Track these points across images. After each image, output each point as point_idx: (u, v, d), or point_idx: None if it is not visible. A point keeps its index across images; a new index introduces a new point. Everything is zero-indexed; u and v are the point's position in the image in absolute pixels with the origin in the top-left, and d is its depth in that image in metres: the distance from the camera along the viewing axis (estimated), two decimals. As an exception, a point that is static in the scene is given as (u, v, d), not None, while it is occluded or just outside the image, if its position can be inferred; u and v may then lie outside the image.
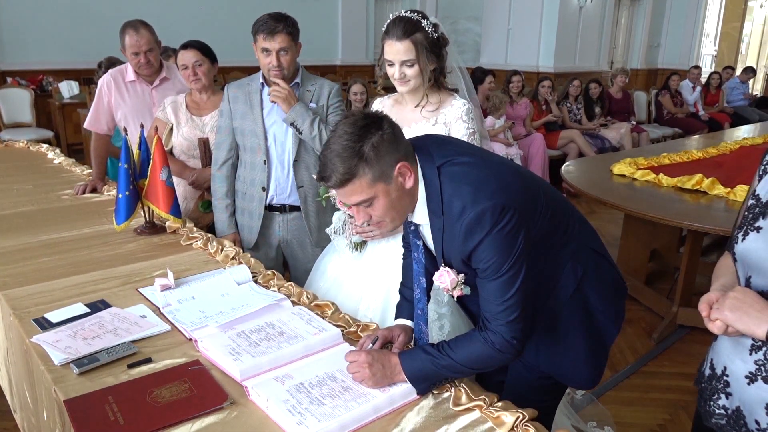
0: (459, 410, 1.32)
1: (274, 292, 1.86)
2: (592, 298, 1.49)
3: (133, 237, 2.35)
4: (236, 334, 1.57)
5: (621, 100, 7.55)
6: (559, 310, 1.48)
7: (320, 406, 1.29)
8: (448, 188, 1.32)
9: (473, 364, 1.35)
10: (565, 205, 1.52)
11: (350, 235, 2.08)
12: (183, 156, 2.75)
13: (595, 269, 1.50)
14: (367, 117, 1.30)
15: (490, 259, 1.29)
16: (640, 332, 3.50)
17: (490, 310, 1.32)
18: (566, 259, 1.46)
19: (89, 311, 1.72)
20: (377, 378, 1.36)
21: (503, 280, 1.29)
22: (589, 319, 1.49)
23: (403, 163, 1.30)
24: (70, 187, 3.02)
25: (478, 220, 1.27)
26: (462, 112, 1.92)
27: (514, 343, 1.32)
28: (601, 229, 5.16)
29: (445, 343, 1.37)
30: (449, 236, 1.34)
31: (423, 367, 1.36)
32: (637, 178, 3.80)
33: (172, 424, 1.24)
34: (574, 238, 1.48)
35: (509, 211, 1.27)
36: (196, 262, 2.11)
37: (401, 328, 1.55)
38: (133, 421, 1.24)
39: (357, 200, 1.30)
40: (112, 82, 2.93)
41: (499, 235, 1.27)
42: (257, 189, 2.42)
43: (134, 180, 2.31)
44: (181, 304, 1.76)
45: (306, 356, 1.50)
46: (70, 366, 1.45)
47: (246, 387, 1.37)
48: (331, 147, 1.28)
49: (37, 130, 6.64)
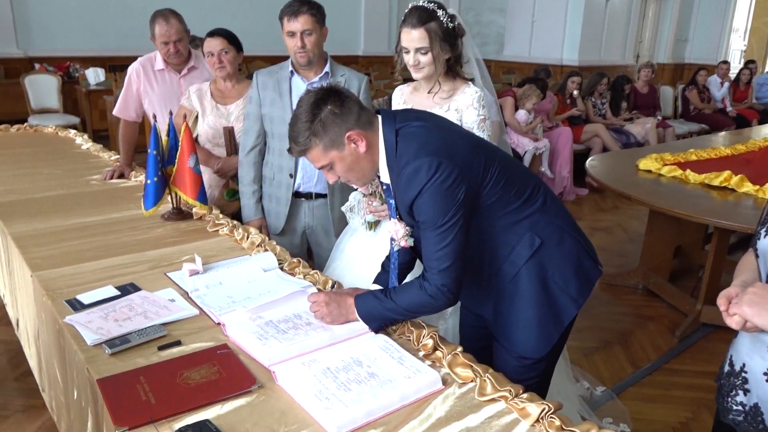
0: (484, 400, 1.33)
1: (300, 279, 1.88)
2: (549, 271, 1.57)
3: (160, 222, 2.38)
4: (264, 323, 1.59)
5: (647, 95, 7.44)
6: (514, 275, 1.58)
7: (347, 391, 1.30)
8: (401, 147, 1.48)
9: (412, 308, 1.52)
10: (531, 180, 1.62)
11: (364, 214, 2.15)
12: (208, 144, 2.78)
13: (556, 245, 1.58)
14: (318, 93, 1.49)
15: (428, 211, 1.44)
16: (662, 329, 3.47)
17: (427, 259, 1.48)
18: (524, 229, 1.56)
19: (120, 294, 1.76)
20: (333, 315, 1.56)
21: (439, 231, 1.44)
22: (543, 290, 1.57)
23: (353, 132, 1.47)
24: (98, 173, 3.07)
25: (415, 172, 1.42)
26: (473, 99, 1.99)
27: (444, 291, 1.47)
28: (624, 225, 5.12)
29: (393, 289, 1.57)
30: (397, 189, 1.51)
31: (372, 309, 1.55)
32: (664, 174, 3.76)
33: (202, 405, 1.27)
34: (536, 212, 1.57)
35: (447, 167, 1.40)
36: (223, 249, 2.14)
37: None
38: (164, 401, 1.27)
39: (319, 165, 1.52)
40: (141, 70, 2.97)
41: (436, 189, 1.41)
42: (285, 175, 2.45)
43: (162, 166, 2.34)
44: (208, 289, 1.79)
45: (332, 344, 1.51)
46: (102, 346, 1.48)
47: (273, 371, 1.39)
48: (291, 125, 1.50)
49: (63, 116, 6.73)
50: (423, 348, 1.51)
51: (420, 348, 1.52)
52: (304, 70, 2.38)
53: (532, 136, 5.83)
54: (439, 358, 1.48)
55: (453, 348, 1.48)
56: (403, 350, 1.48)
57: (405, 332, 1.58)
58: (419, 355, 1.49)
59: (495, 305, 1.63)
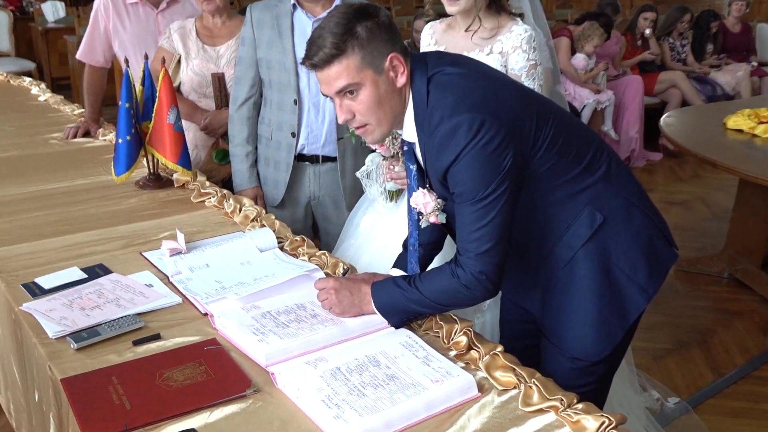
0: (529, 411, 1.33)
1: (304, 261, 1.89)
2: (613, 255, 1.55)
3: (134, 191, 2.41)
4: (261, 314, 1.61)
5: (738, 35, 7.28)
6: (569, 259, 1.56)
7: (361, 397, 1.32)
8: (433, 98, 1.44)
9: (440, 299, 1.50)
10: (593, 142, 1.59)
11: (384, 181, 2.14)
12: (193, 95, 2.78)
13: (622, 222, 1.56)
14: (363, 4, 1.45)
15: (467, 181, 1.40)
16: (752, 328, 3.45)
17: (462, 240, 1.46)
18: (583, 203, 1.54)
19: (86, 277, 1.79)
20: (344, 305, 1.56)
21: (480, 206, 1.41)
22: (605, 277, 1.56)
23: (397, 55, 1.43)
24: (60, 130, 3.10)
25: (452, 132, 1.38)
26: (522, 39, 1.97)
27: (482, 279, 1.44)
28: (706, 198, 5.07)
29: (418, 275, 1.54)
30: (428, 152, 1.47)
31: (393, 300, 1.53)
32: (758, 134, 3.71)
33: (186, 412, 1.29)
34: (597, 182, 1.55)
35: (492, 126, 1.37)
36: (210, 224, 2.17)
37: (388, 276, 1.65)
38: (141, 405, 1.29)
39: (341, 84, 1.43)
40: (110, 4, 2.96)
41: (477, 153, 1.37)
42: (285, 134, 2.45)
43: (137, 122, 2.35)
44: (193, 273, 1.81)
45: (343, 341, 1.53)
46: (67, 340, 1.51)
47: (272, 372, 1.41)
48: (322, 25, 1.43)
49: (16, 60, 6.80)
50: (455, 346, 1.52)
51: (451, 346, 1.52)
52: (310, 3, 2.36)
53: (593, 87, 5.75)
54: (474, 359, 1.48)
55: (492, 347, 1.48)
56: (430, 348, 1.49)
57: (433, 327, 1.59)
58: (450, 355, 1.50)
59: (544, 296, 1.63)
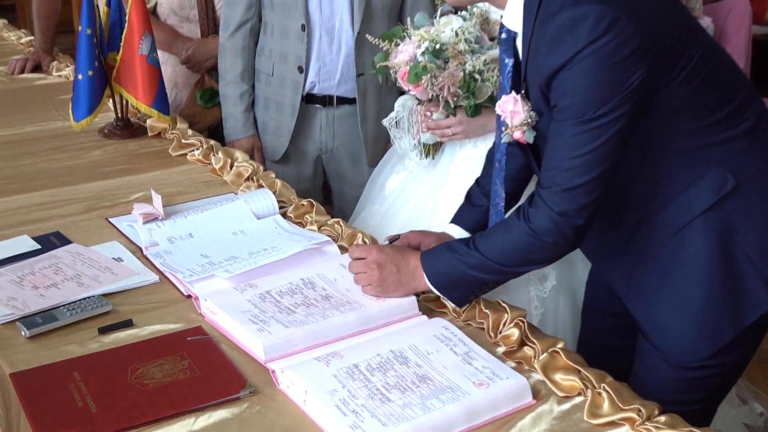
0: (598, 423, 1.33)
1: (312, 231, 1.89)
2: (740, 233, 1.49)
3: (98, 141, 2.42)
4: (258, 296, 1.61)
5: None
6: (680, 227, 1.51)
7: (384, 402, 1.32)
8: None
9: (508, 259, 1.48)
10: (743, 86, 1.53)
11: (419, 131, 2.10)
12: (173, 19, 2.79)
13: (761, 195, 1.50)
14: None
15: (579, 93, 1.35)
16: None
17: (551, 168, 1.42)
18: (714, 160, 1.48)
19: (39, 248, 1.80)
20: (387, 284, 1.54)
21: (588, 128, 1.35)
22: (723, 258, 1.49)
23: None
24: (3, 63, 3.12)
25: (571, 25, 1.32)
26: None
27: (560, 223, 1.40)
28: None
29: (479, 234, 1.51)
30: (534, 47, 1.41)
31: (448, 268, 1.51)
32: None
33: (167, 417, 1.29)
34: (739, 137, 1.49)
35: (626, 28, 1.30)
36: (194, 183, 2.17)
37: (439, 239, 1.63)
38: (109, 408, 1.30)
39: None
40: None
41: (600, 58, 1.32)
42: (291, 68, 2.44)
43: (100, 54, 2.35)
44: (173, 244, 1.82)
45: (362, 332, 1.54)
46: (17, 325, 1.52)
47: (272, 370, 1.41)
48: None
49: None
50: (504, 341, 1.52)
51: (499, 341, 1.52)
52: None
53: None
54: (528, 358, 1.48)
55: (551, 343, 1.47)
56: (472, 343, 1.48)
57: (476, 316, 1.58)
58: (498, 353, 1.50)
59: (633, 271, 1.58)
